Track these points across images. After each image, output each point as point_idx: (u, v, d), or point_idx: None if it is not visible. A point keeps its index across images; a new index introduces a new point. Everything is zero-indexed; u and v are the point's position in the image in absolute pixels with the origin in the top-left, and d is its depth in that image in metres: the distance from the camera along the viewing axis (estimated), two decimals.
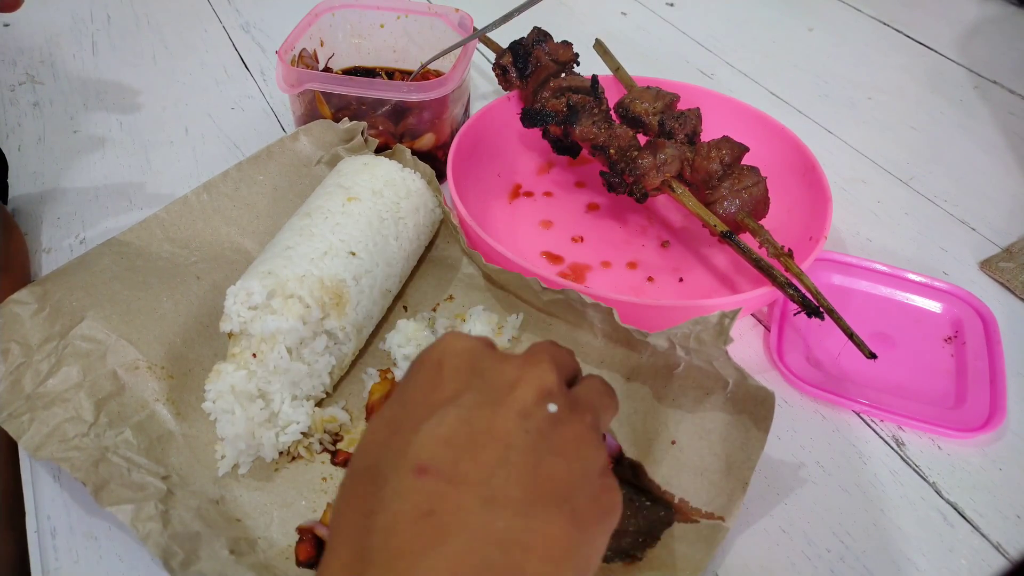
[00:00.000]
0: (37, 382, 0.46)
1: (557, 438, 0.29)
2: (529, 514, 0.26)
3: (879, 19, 0.98)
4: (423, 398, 0.31)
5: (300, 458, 0.48)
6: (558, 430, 0.29)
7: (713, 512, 0.43)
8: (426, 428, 0.28)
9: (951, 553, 0.45)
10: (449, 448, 0.28)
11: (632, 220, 0.66)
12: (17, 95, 0.78)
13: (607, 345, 0.52)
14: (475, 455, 0.27)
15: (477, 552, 0.25)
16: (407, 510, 0.26)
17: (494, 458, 0.27)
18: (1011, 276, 0.62)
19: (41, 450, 0.44)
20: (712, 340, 0.45)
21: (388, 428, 0.30)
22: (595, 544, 0.28)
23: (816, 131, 0.78)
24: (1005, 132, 0.79)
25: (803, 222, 0.60)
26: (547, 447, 0.28)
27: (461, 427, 0.28)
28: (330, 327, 0.48)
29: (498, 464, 0.27)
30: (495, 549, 0.25)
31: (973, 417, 0.50)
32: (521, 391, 0.30)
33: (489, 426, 0.28)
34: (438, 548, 0.25)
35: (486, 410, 0.29)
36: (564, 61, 0.67)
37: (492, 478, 0.27)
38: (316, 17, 0.70)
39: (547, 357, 0.31)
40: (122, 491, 0.42)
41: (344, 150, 0.62)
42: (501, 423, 0.29)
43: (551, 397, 0.30)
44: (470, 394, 0.30)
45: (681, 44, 0.92)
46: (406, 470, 0.27)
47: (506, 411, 0.29)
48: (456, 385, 0.31)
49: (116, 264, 0.53)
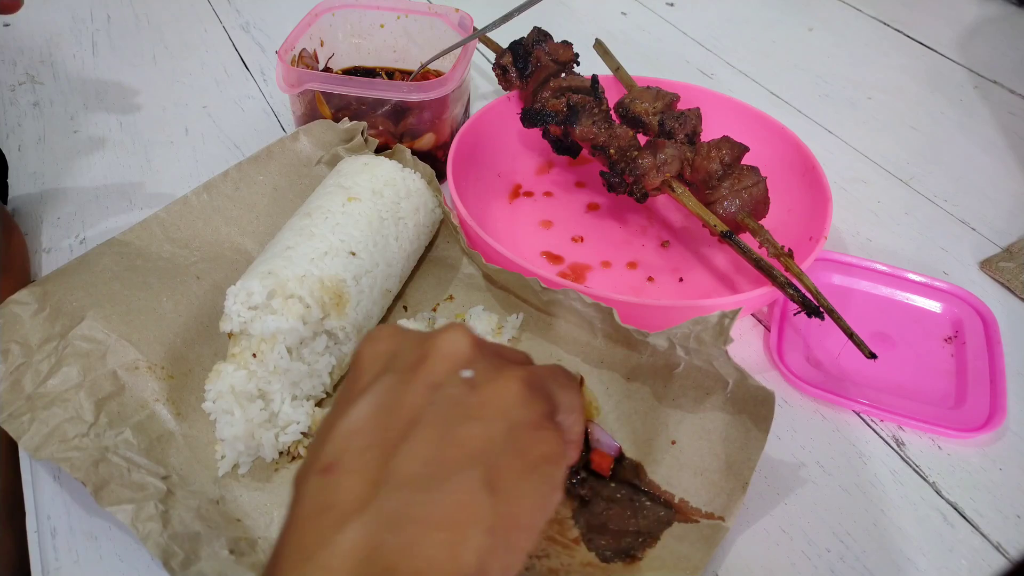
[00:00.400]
0: (37, 382, 0.46)
1: (474, 401, 0.28)
2: (430, 488, 0.25)
3: (879, 19, 0.98)
4: (343, 396, 0.30)
5: (300, 458, 0.47)
6: (476, 393, 0.28)
7: (713, 512, 0.43)
8: (339, 425, 0.28)
9: (951, 553, 0.45)
10: (357, 438, 0.27)
11: (632, 220, 0.66)
12: (17, 95, 0.78)
13: (607, 345, 0.52)
14: (381, 439, 0.27)
15: (369, 537, 0.24)
16: (308, 507, 0.26)
17: (398, 436, 0.27)
18: (1011, 276, 0.62)
19: (41, 450, 0.44)
20: (712, 340, 0.45)
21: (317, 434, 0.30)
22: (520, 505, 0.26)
23: (816, 131, 0.78)
24: (1005, 132, 0.79)
25: (803, 222, 0.60)
26: (460, 413, 0.27)
27: (370, 415, 0.28)
28: (330, 327, 0.48)
29: (401, 441, 0.26)
30: (386, 531, 0.25)
31: (973, 417, 0.50)
32: (430, 363, 0.29)
33: (396, 405, 0.28)
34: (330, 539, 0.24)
35: (396, 390, 0.28)
36: (564, 61, 0.67)
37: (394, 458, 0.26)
38: (316, 17, 0.70)
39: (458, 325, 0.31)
40: (122, 491, 0.42)
41: (344, 150, 0.62)
42: (410, 399, 0.28)
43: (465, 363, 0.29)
44: (383, 378, 0.29)
45: (681, 44, 0.92)
46: (315, 469, 0.27)
47: (415, 386, 0.28)
48: (372, 374, 0.30)
49: (116, 264, 0.53)
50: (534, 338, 0.55)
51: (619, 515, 0.44)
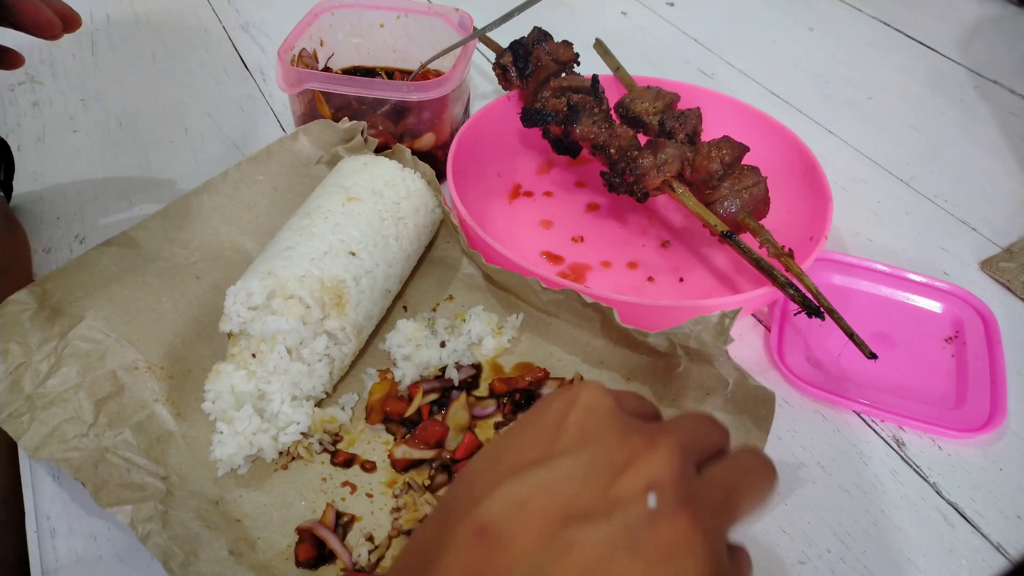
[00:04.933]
0: (37, 382, 0.46)
1: (648, 536, 0.25)
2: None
3: (879, 19, 0.98)
4: (524, 447, 0.29)
5: (300, 458, 0.47)
6: (653, 528, 0.25)
7: None
8: (506, 485, 0.26)
9: (951, 553, 0.45)
10: (519, 513, 0.26)
11: (632, 220, 0.66)
12: (17, 95, 0.78)
13: (607, 345, 0.52)
14: (544, 530, 0.25)
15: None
16: (456, 571, 0.25)
17: (562, 541, 0.25)
18: (1012, 276, 0.62)
19: (41, 450, 0.44)
20: (712, 340, 0.45)
21: (476, 470, 0.29)
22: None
23: (816, 131, 0.78)
24: (1005, 132, 0.79)
25: (803, 222, 0.60)
26: (628, 545, 0.25)
27: (542, 495, 0.26)
28: (330, 327, 0.48)
29: (564, 548, 0.25)
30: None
31: (973, 417, 0.50)
32: (627, 478, 0.26)
33: (571, 503, 0.26)
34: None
35: (577, 485, 0.26)
36: (564, 61, 0.67)
37: (552, 561, 0.25)
38: (316, 17, 0.70)
39: (676, 441, 0.28)
40: (121, 491, 0.42)
41: (344, 150, 0.62)
42: (587, 503, 0.26)
43: (658, 487, 0.26)
44: (570, 461, 0.27)
45: (681, 44, 0.92)
46: (468, 527, 0.26)
47: (599, 492, 0.26)
48: (564, 446, 0.28)
49: (116, 264, 0.53)
50: (534, 338, 0.55)
51: None
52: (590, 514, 0.25)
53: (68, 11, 0.49)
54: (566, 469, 0.27)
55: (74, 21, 0.49)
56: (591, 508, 0.26)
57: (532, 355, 0.54)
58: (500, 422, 0.50)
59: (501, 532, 0.25)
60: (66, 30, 0.49)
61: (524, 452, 0.28)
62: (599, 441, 0.28)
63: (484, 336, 0.53)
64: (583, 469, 0.27)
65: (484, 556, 0.25)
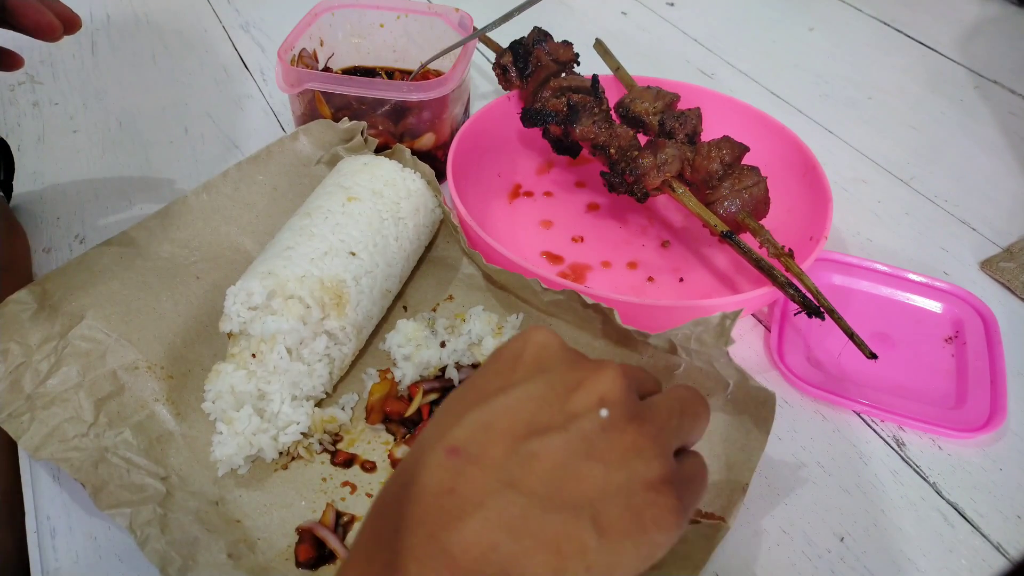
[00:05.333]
0: (37, 382, 0.46)
1: (602, 444, 0.28)
2: (546, 508, 0.27)
3: (879, 19, 0.98)
4: (486, 383, 0.31)
5: (300, 458, 0.47)
6: (606, 436, 0.29)
7: (713, 512, 0.43)
8: (473, 412, 0.29)
9: (951, 553, 0.45)
10: (485, 433, 0.28)
11: (632, 220, 0.66)
12: (17, 95, 0.78)
13: (607, 346, 0.52)
14: (508, 445, 0.28)
15: (489, 534, 0.26)
16: (432, 484, 0.27)
17: (525, 451, 0.28)
18: (1012, 276, 0.62)
19: (41, 450, 0.44)
20: (713, 341, 0.45)
21: (444, 408, 0.31)
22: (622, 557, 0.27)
23: (816, 131, 0.78)
24: (1005, 132, 0.79)
25: (803, 222, 0.60)
26: (586, 451, 0.28)
27: (505, 416, 0.29)
28: (330, 327, 0.48)
29: (529, 457, 0.28)
30: (505, 534, 0.26)
31: (973, 417, 0.50)
32: (581, 393, 0.30)
33: (531, 420, 0.29)
34: (454, 525, 0.26)
35: (535, 405, 0.29)
36: (564, 61, 0.67)
37: (519, 468, 0.27)
38: (316, 17, 0.70)
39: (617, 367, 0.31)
40: (121, 493, 0.42)
41: (344, 150, 0.62)
42: (548, 417, 0.29)
43: (608, 403, 0.30)
44: (526, 386, 0.30)
45: (681, 44, 0.92)
46: (440, 448, 0.28)
47: (558, 407, 0.29)
48: (524, 373, 0.31)
49: (116, 264, 0.53)
50: None
51: None
52: (550, 428, 0.29)
53: (68, 13, 0.49)
54: (525, 392, 0.30)
55: (74, 23, 0.49)
56: (550, 423, 0.29)
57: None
58: None
59: (471, 449, 0.28)
60: (66, 32, 0.48)
61: (486, 386, 0.31)
62: (553, 369, 0.31)
63: (484, 336, 0.53)
64: (541, 391, 0.30)
65: (457, 470, 0.27)
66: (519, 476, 0.27)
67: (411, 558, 0.26)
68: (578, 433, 0.28)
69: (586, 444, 0.28)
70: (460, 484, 0.27)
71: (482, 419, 0.29)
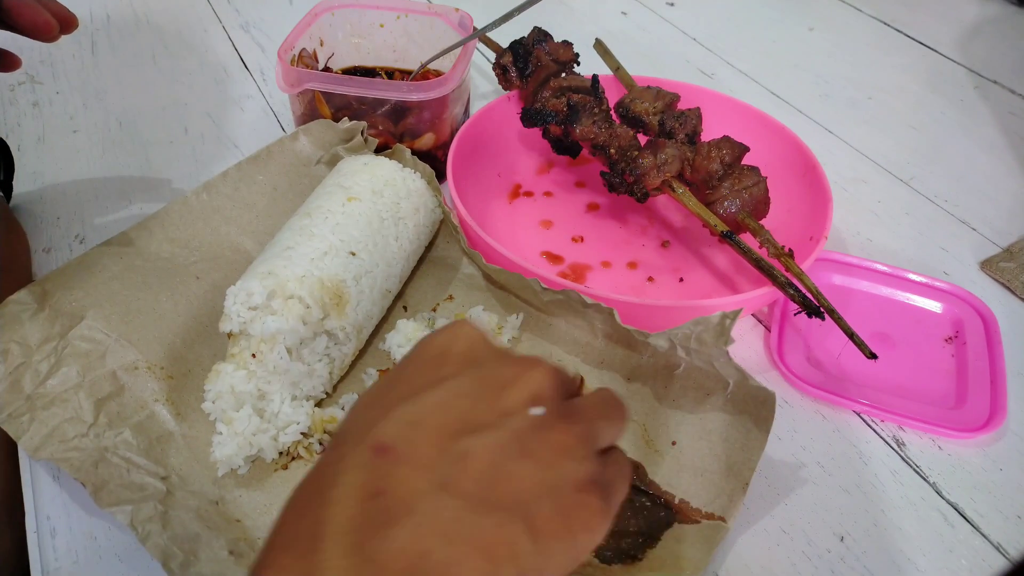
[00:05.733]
0: (37, 382, 0.46)
1: (534, 443, 0.27)
2: (479, 511, 0.25)
3: (879, 19, 0.98)
4: (413, 378, 0.30)
5: (300, 458, 0.47)
6: (538, 435, 0.28)
7: (714, 512, 0.43)
8: (401, 408, 0.28)
9: (951, 553, 0.45)
10: (416, 431, 0.27)
11: (632, 220, 0.66)
12: (17, 95, 0.78)
13: (607, 345, 0.52)
14: (440, 443, 0.27)
15: (420, 540, 0.24)
16: (357, 486, 0.26)
17: (458, 450, 0.26)
18: (1012, 276, 0.62)
19: (40, 450, 0.44)
20: (713, 341, 0.45)
21: (368, 401, 0.30)
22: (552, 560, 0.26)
23: (816, 131, 0.78)
24: (1005, 132, 0.79)
25: (803, 222, 0.60)
26: (519, 449, 0.27)
27: (435, 412, 0.28)
28: (330, 327, 0.48)
29: (460, 456, 0.26)
30: (437, 539, 0.24)
31: (974, 417, 0.50)
32: (512, 390, 0.29)
33: (463, 417, 0.28)
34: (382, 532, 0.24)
35: (467, 401, 0.28)
36: (564, 61, 0.67)
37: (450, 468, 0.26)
38: (316, 17, 0.70)
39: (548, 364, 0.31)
40: (121, 492, 0.42)
41: (344, 150, 0.62)
42: (480, 415, 0.28)
43: (540, 401, 0.29)
44: (458, 381, 0.29)
45: (681, 44, 0.92)
46: (366, 446, 0.27)
47: (489, 404, 0.28)
48: (451, 369, 0.30)
49: (116, 264, 0.53)
50: (534, 338, 0.55)
51: (619, 516, 0.44)
52: (482, 425, 0.27)
53: (65, 12, 0.49)
54: (456, 388, 0.29)
55: (71, 22, 0.49)
56: (482, 420, 0.28)
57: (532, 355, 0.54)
58: None
59: (400, 447, 0.26)
60: (63, 31, 0.48)
61: (414, 381, 0.30)
62: (483, 364, 0.30)
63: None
64: (471, 387, 0.29)
65: (384, 471, 0.26)
66: (452, 476, 0.26)
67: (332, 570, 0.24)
68: (510, 431, 0.27)
69: (519, 442, 0.27)
70: (389, 486, 0.25)
71: (411, 415, 0.27)
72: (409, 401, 0.28)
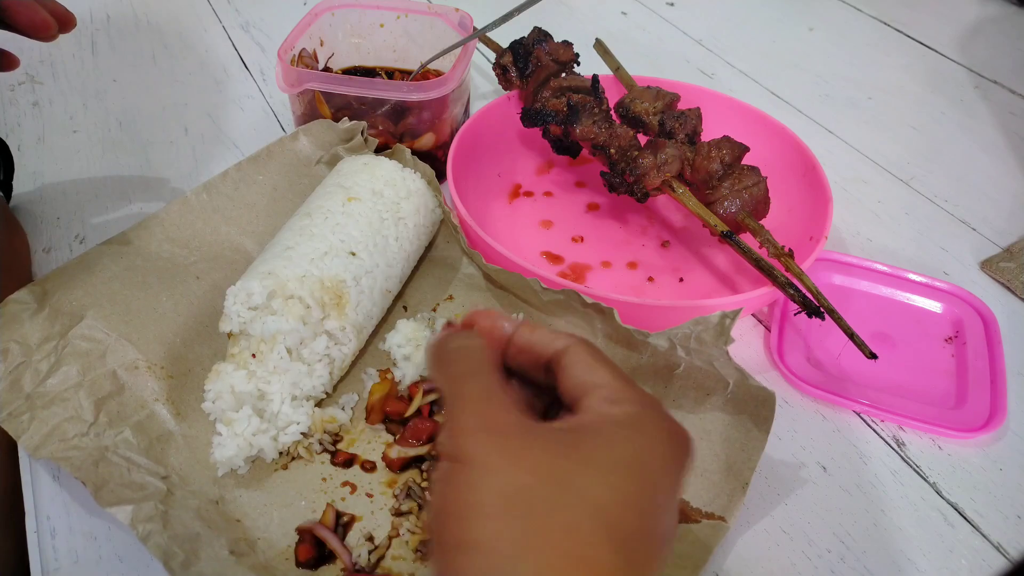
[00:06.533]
0: (37, 382, 0.46)
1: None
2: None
3: (879, 19, 0.98)
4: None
5: (300, 458, 0.47)
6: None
7: (714, 512, 0.43)
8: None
9: (951, 553, 0.45)
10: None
11: (632, 220, 0.66)
12: (17, 95, 0.78)
13: (607, 345, 0.52)
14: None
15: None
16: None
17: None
18: (1012, 276, 0.62)
19: (41, 450, 0.44)
20: (713, 340, 0.45)
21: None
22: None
23: (816, 131, 0.78)
24: (1005, 132, 0.79)
25: (803, 222, 0.60)
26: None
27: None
28: (330, 327, 0.48)
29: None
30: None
31: (974, 417, 0.50)
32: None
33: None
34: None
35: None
36: (564, 61, 0.67)
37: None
38: (316, 17, 0.70)
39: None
40: (122, 491, 0.42)
41: (344, 150, 0.62)
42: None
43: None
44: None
45: (681, 44, 0.92)
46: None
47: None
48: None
49: (116, 264, 0.53)
50: None
51: None
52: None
53: (63, 12, 0.49)
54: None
55: (69, 21, 0.49)
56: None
57: None
58: None
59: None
60: (61, 31, 0.48)
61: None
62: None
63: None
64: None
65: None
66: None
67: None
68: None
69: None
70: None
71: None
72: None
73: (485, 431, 0.28)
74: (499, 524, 0.26)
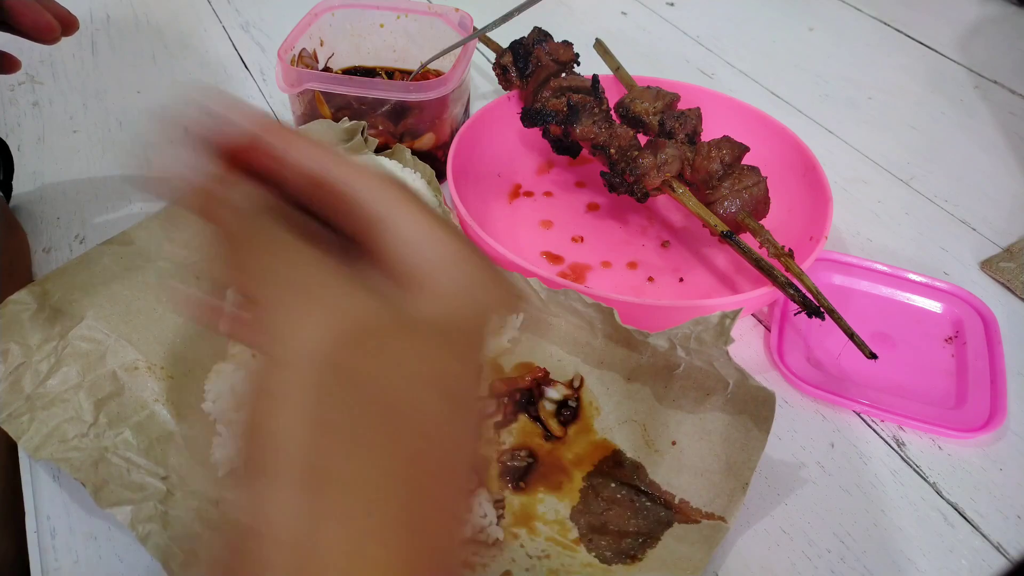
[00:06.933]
0: (36, 382, 0.46)
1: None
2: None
3: (879, 19, 0.98)
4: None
5: None
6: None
7: (714, 512, 0.43)
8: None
9: (951, 553, 0.45)
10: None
11: (632, 220, 0.66)
12: (17, 95, 0.78)
13: (607, 345, 0.52)
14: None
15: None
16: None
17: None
18: (1012, 276, 0.62)
19: (40, 450, 0.44)
20: (713, 340, 0.45)
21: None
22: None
23: (816, 131, 0.78)
24: (1005, 132, 0.79)
25: (803, 222, 0.60)
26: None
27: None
28: None
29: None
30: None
31: (974, 417, 0.50)
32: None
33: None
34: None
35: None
36: (564, 61, 0.67)
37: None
38: (316, 17, 0.70)
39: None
40: (121, 491, 0.42)
41: (344, 150, 0.62)
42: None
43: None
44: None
45: (681, 44, 0.92)
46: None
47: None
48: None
49: (116, 264, 0.53)
50: (534, 338, 0.55)
51: (619, 516, 0.44)
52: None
53: (66, 14, 0.49)
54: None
55: (72, 24, 0.49)
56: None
57: (532, 355, 0.54)
58: (500, 422, 0.50)
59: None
60: (64, 33, 0.48)
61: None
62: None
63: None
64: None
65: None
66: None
67: None
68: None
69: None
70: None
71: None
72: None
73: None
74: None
